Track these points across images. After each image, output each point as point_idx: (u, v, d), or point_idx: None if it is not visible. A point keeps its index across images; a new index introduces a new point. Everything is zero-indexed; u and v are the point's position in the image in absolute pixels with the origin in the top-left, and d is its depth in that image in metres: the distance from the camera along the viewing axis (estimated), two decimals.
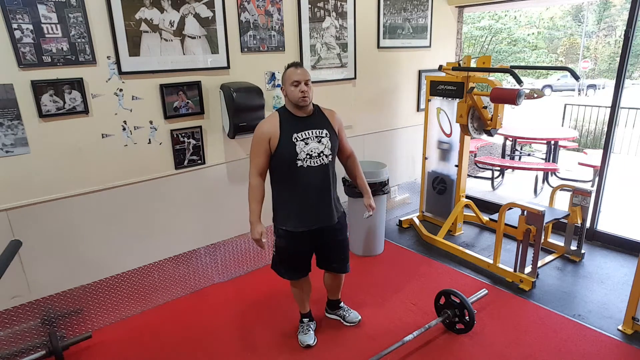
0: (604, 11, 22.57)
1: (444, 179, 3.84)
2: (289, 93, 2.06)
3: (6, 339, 2.31)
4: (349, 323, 2.60)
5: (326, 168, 2.13)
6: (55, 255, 2.37)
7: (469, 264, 3.28)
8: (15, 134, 2.13)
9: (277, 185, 2.17)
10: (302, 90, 2.02)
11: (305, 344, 2.40)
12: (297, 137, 2.05)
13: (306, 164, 2.06)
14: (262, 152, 2.07)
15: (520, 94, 2.76)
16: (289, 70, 2.07)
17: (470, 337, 2.44)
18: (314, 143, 2.07)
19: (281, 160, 2.07)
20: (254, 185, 2.10)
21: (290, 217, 2.16)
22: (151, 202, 2.65)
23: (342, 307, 2.65)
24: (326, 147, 2.11)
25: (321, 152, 2.09)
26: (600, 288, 2.93)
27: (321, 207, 2.17)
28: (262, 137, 2.05)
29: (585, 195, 3.17)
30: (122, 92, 2.40)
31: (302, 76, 2.03)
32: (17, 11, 2.00)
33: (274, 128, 2.05)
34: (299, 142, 2.05)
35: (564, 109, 8.01)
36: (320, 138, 2.10)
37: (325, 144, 2.11)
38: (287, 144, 2.04)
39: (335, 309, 2.66)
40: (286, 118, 2.08)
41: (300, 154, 2.05)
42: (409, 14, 3.71)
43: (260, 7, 2.80)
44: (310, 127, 2.09)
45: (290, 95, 2.06)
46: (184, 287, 2.95)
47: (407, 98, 3.99)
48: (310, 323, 2.51)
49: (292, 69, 2.06)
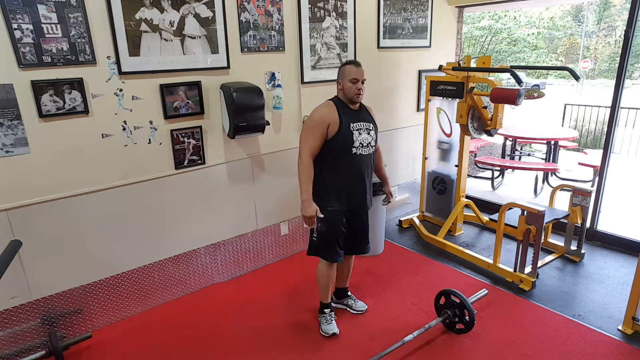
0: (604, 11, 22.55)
1: (444, 179, 3.83)
2: (346, 88, 2.23)
3: (6, 339, 2.31)
4: (355, 311, 2.68)
5: (372, 156, 2.38)
6: (55, 255, 2.37)
7: (469, 264, 3.28)
8: (15, 134, 2.13)
9: (327, 169, 2.29)
10: (358, 88, 2.22)
11: (331, 332, 2.48)
12: (354, 126, 2.25)
13: (359, 151, 2.27)
14: (319, 136, 2.20)
15: (520, 94, 2.76)
16: (349, 67, 2.23)
17: (470, 337, 2.44)
18: (365, 134, 2.29)
19: (338, 146, 2.23)
20: (306, 164, 2.21)
21: (337, 198, 2.32)
22: (151, 202, 2.65)
23: (350, 296, 2.74)
24: (372, 139, 2.34)
25: (369, 142, 2.31)
26: (600, 288, 2.93)
27: (365, 191, 2.38)
28: (322, 121, 2.20)
29: (585, 195, 3.17)
30: (122, 92, 2.40)
31: (360, 75, 2.22)
32: (17, 11, 2.00)
33: (334, 115, 2.22)
34: (355, 132, 2.25)
35: (564, 109, 8.01)
36: (369, 130, 2.32)
37: (372, 136, 2.33)
38: (346, 131, 2.23)
39: (343, 297, 2.73)
40: (342, 108, 2.26)
41: (355, 142, 2.25)
42: (409, 14, 3.71)
43: (260, 7, 2.80)
44: (362, 119, 2.30)
45: (347, 90, 2.23)
46: (184, 287, 2.95)
47: (407, 98, 3.99)
48: (332, 312, 2.58)
49: (352, 67, 2.23)
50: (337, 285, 2.72)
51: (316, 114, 2.24)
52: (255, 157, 3.06)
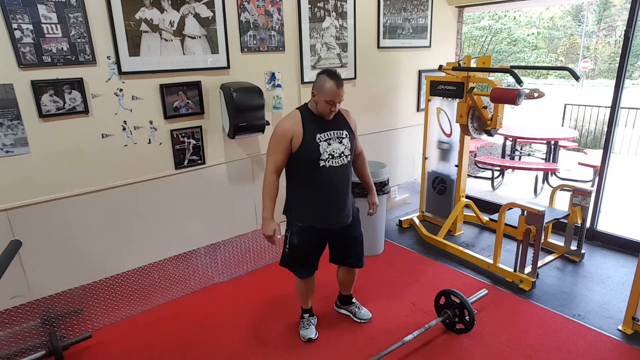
0: (604, 11, 22.55)
1: (444, 179, 3.83)
2: (320, 105, 2.05)
3: (6, 339, 2.31)
4: (359, 319, 2.60)
5: (346, 168, 2.18)
6: (55, 255, 2.37)
7: (469, 264, 3.28)
8: (15, 134, 2.13)
9: (296, 183, 2.17)
10: (332, 110, 2.05)
11: (307, 338, 2.43)
12: (321, 137, 2.07)
13: (328, 163, 2.09)
14: (283, 150, 2.06)
15: (520, 94, 2.76)
16: (330, 84, 1.99)
17: (470, 337, 2.44)
18: (335, 144, 2.10)
19: (303, 160, 2.08)
20: (270, 181, 2.09)
21: (308, 214, 2.18)
22: (151, 202, 2.65)
23: (354, 303, 2.66)
24: (346, 148, 2.14)
25: (342, 152, 2.12)
26: (600, 288, 2.93)
27: (339, 207, 2.20)
28: (284, 135, 2.05)
29: (585, 195, 3.17)
30: (122, 92, 2.40)
31: (340, 97, 2.03)
32: (17, 11, 2.00)
33: (297, 127, 2.05)
34: (322, 143, 2.06)
35: (564, 108, 8.01)
36: (342, 139, 2.13)
37: (345, 145, 2.14)
38: (311, 143, 2.05)
39: (347, 304, 2.66)
40: (308, 118, 2.09)
41: (323, 154, 2.07)
42: (409, 14, 3.71)
43: (260, 7, 2.80)
44: (332, 127, 2.11)
45: (320, 108, 2.06)
46: (184, 287, 2.95)
47: (407, 98, 3.99)
48: (311, 318, 2.53)
49: (332, 86, 1.99)
50: (341, 292, 2.66)
51: (278, 127, 2.07)
52: (255, 157, 3.06)
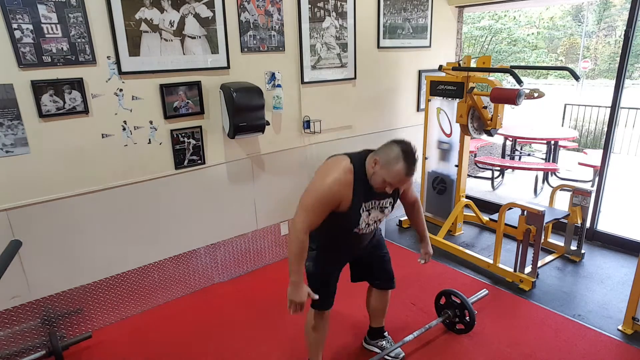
0: (604, 11, 22.55)
1: (444, 179, 3.83)
2: (378, 180, 1.76)
3: (6, 339, 2.31)
4: (390, 357, 2.29)
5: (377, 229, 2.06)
6: (56, 255, 2.37)
7: (469, 264, 3.28)
8: (15, 134, 2.13)
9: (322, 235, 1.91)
10: (389, 192, 1.80)
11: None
12: (364, 207, 1.84)
13: (362, 231, 1.90)
14: (325, 212, 1.78)
15: (520, 94, 2.76)
16: (402, 167, 1.70)
17: (470, 337, 2.44)
18: (376, 212, 1.90)
19: (340, 223, 1.85)
20: (301, 240, 1.74)
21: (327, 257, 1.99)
22: (151, 202, 2.65)
23: (386, 338, 2.37)
24: (385, 216, 1.96)
25: (378, 219, 1.94)
26: (600, 288, 2.93)
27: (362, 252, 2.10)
28: (333, 197, 1.76)
29: (585, 195, 3.17)
30: (122, 92, 2.40)
31: (406, 185, 1.93)
32: (17, 11, 2.00)
33: (348, 191, 1.78)
34: (364, 213, 1.85)
35: (564, 108, 8.01)
36: (384, 208, 1.92)
37: (386, 214, 1.95)
38: (354, 213, 1.82)
39: (378, 337, 2.37)
40: (360, 182, 1.79)
41: (361, 223, 1.87)
42: (409, 14, 3.71)
43: (260, 7, 2.80)
44: (379, 197, 1.87)
45: (377, 183, 1.77)
46: (184, 287, 2.95)
47: (407, 98, 3.99)
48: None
49: (404, 172, 1.71)
50: (372, 325, 2.36)
51: (330, 184, 1.75)
52: (255, 157, 3.06)
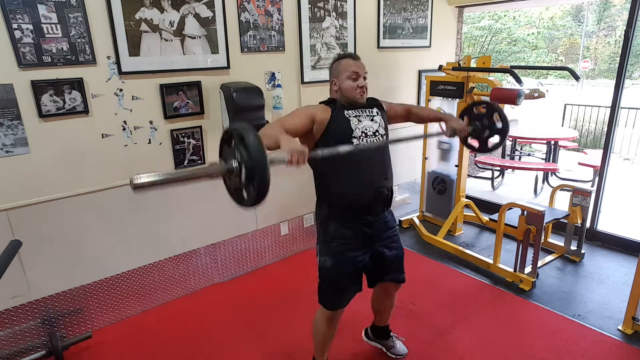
0: (604, 11, 22.55)
1: (444, 179, 3.84)
2: (345, 87, 1.80)
3: (6, 339, 2.31)
4: (394, 355, 2.28)
5: (385, 153, 1.89)
6: (55, 255, 2.37)
7: (469, 264, 3.28)
8: (15, 134, 2.13)
9: (328, 179, 1.84)
10: (361, 85, 1.80)
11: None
12: (350, 113, 1.80)
13: (362, 142, 1.79)
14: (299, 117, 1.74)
15: (520, 94, 2.76)
16: (344, 61, 1.82)
17: (470, 337, 2.45)
18: (366, 121, 1.82)
19: (332, 137, 1.75)
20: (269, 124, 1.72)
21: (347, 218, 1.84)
22: (151, 202, 2.64)
23: (391, 337, 2.32)
24: (380, 126, 1.85)
25: (376, 130, 1.83)
26: (600, 288, 2.93)
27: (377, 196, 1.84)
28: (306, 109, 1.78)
29: (585, 195, 3.17)
30: (122, 92, 2.40)
31: (361, 68, 1.81)
32: (17, 11, 2.00)
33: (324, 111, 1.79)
34: (353, 118, 1.79)
35: (564, 108, 8.01)
36: (372, 116, 1.85)
37: (378, 122, 1.85)
38: (340, 119, 1.77)
39: (384, 337, 2.31)
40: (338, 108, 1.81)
41: (355, 130, 1.77)
42: (409, 14, 3.71)
43: (260, 7, 2.80)
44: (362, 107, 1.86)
45: (347, 90, 1.80)
46: (184, 287, 2.95)
47: (407, 98, 3.98)
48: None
49: (348, 60, 1.81)
50: (377, 323, 2.30)
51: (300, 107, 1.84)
52: None
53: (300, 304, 2.80)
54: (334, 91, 1.86)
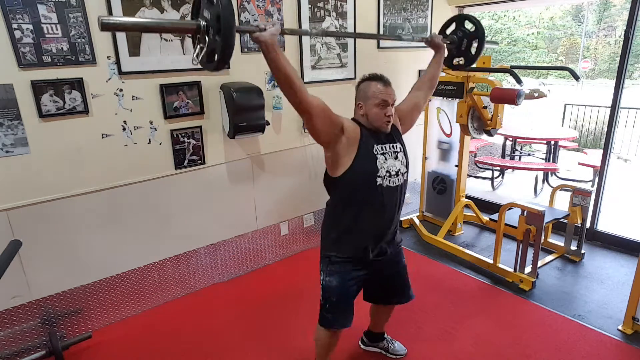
0: (604, 11, 22.54)
1: (444, 179, 3.83)
2: (372, 115, 1.73)
3: (6, 339, 2.31)
4: (394, 355, 2.30)
5: (401, 189, 1.85)
6: (56, 255, 2.37)
7: (469, 264, 3.28)
8: (15, 134, 2.13)
9: (346, 208, 1.80)
10: (388, 114, 1.73)
11: None
12: (378, 149, 1.74)
13: (385, 182, 1.75)
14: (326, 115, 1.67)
15: (520, 94, 2.76)
16: (374, 84, 1.73)
17: (470, 337, 2.45)
18: (391, 160, 1.78)
19: (359, 176, 1.73)
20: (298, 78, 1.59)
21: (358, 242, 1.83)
22: (151, 202, 2.65)
23: (386, 338, 2.35)
24: (402, 165, 1.83)
25: (399, 170, 1.80)
26: (600, 288, 2.93)
27: (387, 233, 1.88)
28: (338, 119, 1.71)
29: (585, 195, 3.17)
30: (122, 92, 2.40)
31: (391, 96, 1.73)
32: (17, 11, 2.00)
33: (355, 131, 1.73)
34: (379, 156, 1.74)
35: (564, 108, 8.01)
36: (397, 154, 1.81)
37: (401, 161, 1.82)
38: (368, 155, 1.72)
39: (378, 340, 2.34)
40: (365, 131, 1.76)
41: (380, 170, 1.73)
42: (409, 14, 3.71)
43: (260, 7, 2.80)
44: (387, 140, 1.80)
45: (373, 118, 1.74)
46: (184, 287, 2.95)
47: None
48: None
49: (378, 85, 1.72)
50: (372, 329, 2.32)
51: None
52: (255, 157, 3.06)
53: (300, 304, 2.80)
54: (359, 114, 1.80)
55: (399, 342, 2.36)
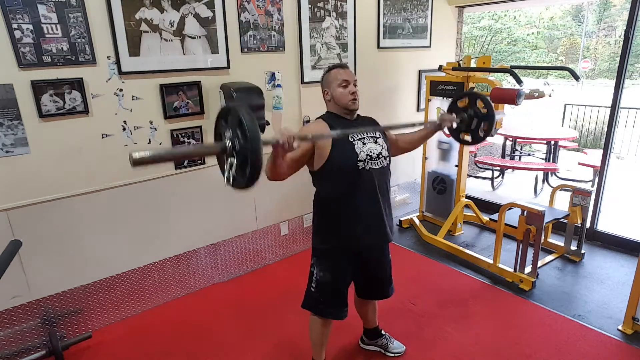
0: (604, 11, 22.55)
1: (444, 179, 3.83)
2: (337, 95, 1.85)
3: (6, 339, 2.31)
4: (392, 353, 2.32)
5: (386, 170, 1.91)
6: (55, 255, 2.37)
7: (469, 264, 3.28)
8: (15, 134, 2.13)
9: (333, 197, 1.87)
10: (352, 92, 1.85)
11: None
12: (354, 136, 1.82)
13: (368, 165, 1.81)
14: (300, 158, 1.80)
15: (520, 94, 2.76)
16: (334, 71, 1.89)
17: (470, 337, 2.44)
18: (370, 143, 1.84)
19: (339, 164, 1.80)
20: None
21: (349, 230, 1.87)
22: (151, 202, 2.65)
23: (384, 336, 2.35)
24: (383, 148, 1.89)
25: (379, 153, 1.86)
26: (600, 288, 2.93)
27: (378, 218, 1.90)
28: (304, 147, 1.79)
29: (585, 195, 3.17)
30: (122, 92, 2.40)
31: (351, 76, 1.87)
32: (17, 11, 2.00)
33: (324, 129, 1.82)
34: (357, 142, 1.81)
35: (564, 108, 8.01)
36: (376, 139, 1.87)
37: (381, 145, 1.88)
38: (344, 143, 1.79)
39: (376, 338, 2.35)
40: (334, 121, 1.85)
41: (360, 154, 1.80)
42: (409, 14, 3.71)
43: (260, 7, 2.80)
44: (362, 127, 1.87)
45: (339, 98, 1.85)
46: (184, 287, 2.95)
47: (407, 98, 3.99)
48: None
49: (337, 70, 1.88)
50: (366, 326, 2.35)
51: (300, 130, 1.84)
52: None
53: (300, 304, 2.80)
54: (327, 101, 1.93)
55: (397, 341, 2.37)
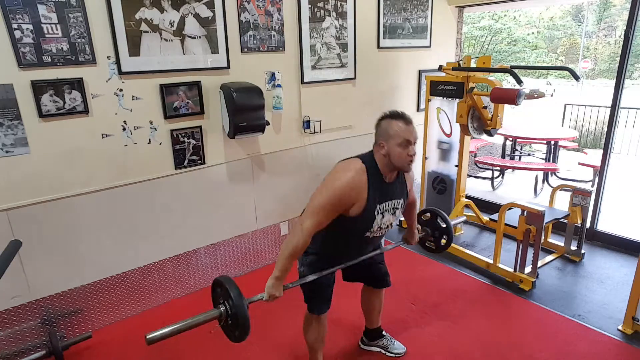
0: (604, 11, 22.55)
1: (444, 179, 3.83)
2: (395, 154, 1.68)
3: (6, 339, 2.31)
4: (393, 354, 2.31)
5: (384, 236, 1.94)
6: (55, 255, 2.37)
7: (469, 264, 3.28)
8: (15, 134, 2.13)
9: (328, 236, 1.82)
10: (411, 154, 1.69)
11: None
12: (380, 208, 1.75)
13: (372, 235, 1.82)
14: (335, 213, 1.68)
15: (520, 94, 2.76)
16: (397, 125, 1.67)
17: (470, 337, 2.45)
18: (388, 215, 1.80)
19: (352, 227, 1.76)
20: (304, 243, 1.68)
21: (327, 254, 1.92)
22: (151, 202, 2.65)
23: (385, 336, 2.35)
24: (396, 217, 1.86)
25: (390, 224, 1.84)
26: (600, 288, 2.93)
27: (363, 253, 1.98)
28: (346, 198, 1.66)
29: (585, 195, 3.17)
30: (122, 92, 2.40)
31: (414, 136, 1.69)
32: (17, 11, 2.00)
33: (362, 193, 1.69)
34: (379, 215, 1.76)
35: (564, 108, 8.01)
36: (395, 210, 1.83)
37: (397, 216, 1.85)
38: (369, 215, 1.73)
39: (377, 338, 2.34)
40: (375, 182, 1.72)
41: (374, 227, 1.77)
42: (409, 14, 3.71)
43: (260, 7, 2.80)
44: (392, 195, 1.79)
45: (396, 158, 1.68)
46: (184, 287, 2.95)
47: (407, 98, 3.99)
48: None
49: (401, 125, 1.67)
50: (368, 326, 2.34)
51: (342, 184, 1.65)
52: (255, 157, 3.06)
53: (300, 304, 2.79)
54: (380, 154, 1.73)
55: (398, 341, 2.37)
